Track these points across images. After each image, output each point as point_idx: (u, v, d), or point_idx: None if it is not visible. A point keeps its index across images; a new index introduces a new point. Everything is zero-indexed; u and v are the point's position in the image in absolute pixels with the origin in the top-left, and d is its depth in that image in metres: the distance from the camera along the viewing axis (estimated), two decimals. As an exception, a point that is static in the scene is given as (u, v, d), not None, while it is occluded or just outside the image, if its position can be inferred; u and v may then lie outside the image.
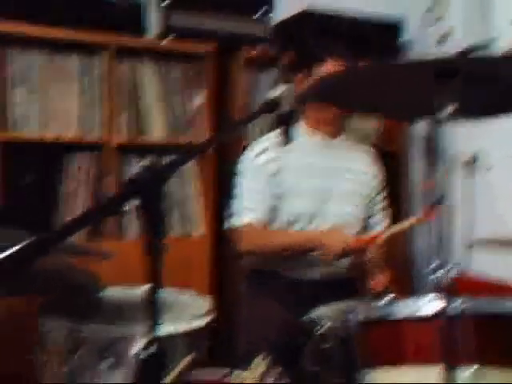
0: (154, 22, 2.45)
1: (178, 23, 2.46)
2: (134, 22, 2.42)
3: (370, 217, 2.16)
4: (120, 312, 1.73)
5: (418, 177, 2.90)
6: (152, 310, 0.90)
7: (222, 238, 2.49)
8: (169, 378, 1.36)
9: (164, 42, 2.42)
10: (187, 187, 2.62)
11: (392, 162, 2.81)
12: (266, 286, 2.05)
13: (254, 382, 1.31)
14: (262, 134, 2.46)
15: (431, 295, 1.13)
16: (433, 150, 2.79)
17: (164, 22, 2.44)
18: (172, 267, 2.35)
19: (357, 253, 1.92)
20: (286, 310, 1.89)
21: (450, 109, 1.07)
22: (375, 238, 1.94)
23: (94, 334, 1.54)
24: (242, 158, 2.11)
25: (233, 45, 2.53)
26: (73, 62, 2.41)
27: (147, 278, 0.89)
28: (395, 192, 2.75)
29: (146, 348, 0.88)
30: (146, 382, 0.91)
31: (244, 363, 1.44)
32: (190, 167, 2.62)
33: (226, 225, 2.05)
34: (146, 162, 0.87)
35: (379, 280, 1.98)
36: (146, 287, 1.92)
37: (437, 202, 2.85)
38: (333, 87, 1.20)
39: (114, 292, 1.87)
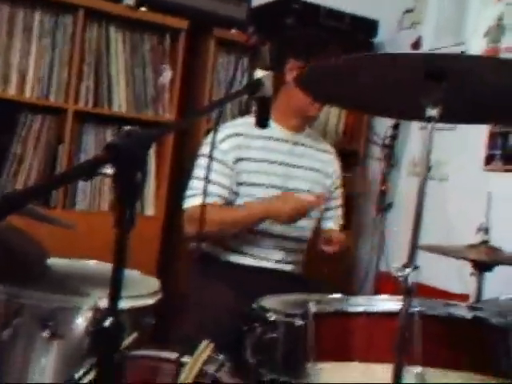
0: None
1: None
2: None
3: (324, 212, 2.18)
4: (65, 283, 1.67)
5: (375, 177, 2.94)
6: (114, 285, 0.85)
7: (173, 219, 2.46)
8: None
9: (141, 10, 2.34)
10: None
11: (351, 160, 2.85)
12: (214, 271, 2.03)
13: (195, 372, 1.28)
14: (226, 119, 2.45)
15: (384, 295, 1.14)
16: (391, 154, 2.86)
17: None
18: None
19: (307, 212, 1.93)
20: (234, 297, 1.87)
21: (435, 111, 1.04)
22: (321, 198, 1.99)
23: (35, 301, 1.49)
24: (205, 140, 2.08)
25: (207, 24, 2.49)
26: (40, 20, 2.30)
27: (114, 251, 0.85)
28: (351, 189, 2.78)
29: (98, 321, 0.84)
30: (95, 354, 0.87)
31: (186, 347, 1.42)
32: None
33: (183, 205, 2.02)
34: (127, 128, 0.82)
35: (336, 237, 1.99)
36: (94, 261, 1.89)
37: (387, 206, 2.91)
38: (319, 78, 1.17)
39: (61, 263, 1.83)
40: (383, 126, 2.88)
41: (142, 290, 1.67)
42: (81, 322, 1.49)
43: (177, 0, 2.42)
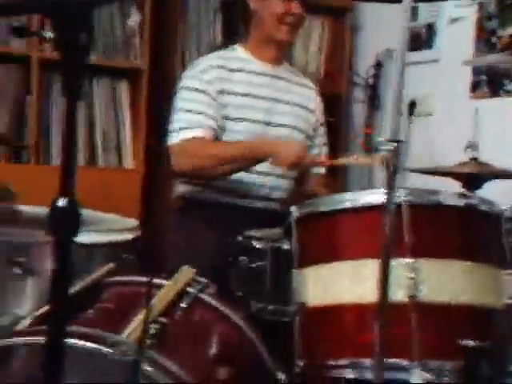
0: None
1: None
2: None
3: (308, 150, 2.10)
4: (36, 221, 1.59)
5: (359, 120, 2.85)
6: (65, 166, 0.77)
7: (154, 171, 2.38)
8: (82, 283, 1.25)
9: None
10: (120, 116, 2.46)
11: (334, 105, 2.77)
12: (196, 212, 1.95)
13: (177, 290, 1.20)
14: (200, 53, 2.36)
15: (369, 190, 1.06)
16: (374, 94, 2.78)
17: None
18: (102, 196, 2.24)
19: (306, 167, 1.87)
20: (218, 235, 1.79)
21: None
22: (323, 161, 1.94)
23: (4, 236, 1.41)
24: (184, 74, 1.98)
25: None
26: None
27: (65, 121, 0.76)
28: (336, 135, 2.70)
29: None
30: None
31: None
32: (123, 94, 2.46)
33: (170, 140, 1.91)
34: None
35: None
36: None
37: (374, 149, 2.84)
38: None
39: (28, 208, 1.75)
40: (365, 66, 2.79)
41: (119, 226, 1.62)
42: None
43: None
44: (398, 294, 1.00)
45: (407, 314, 1.00)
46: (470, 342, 0.98)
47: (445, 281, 1.01)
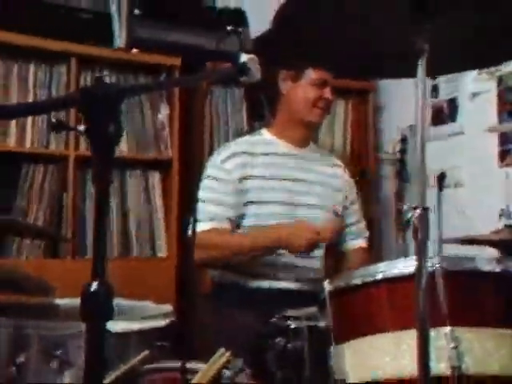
0: (120, 32, 2.41)
1: (145, 35, 2.42)
2: (99, 32, 2.37)
3: (342, 230, 2.09)
4: (70, 313, 1.61)
5: (389, 195, 2.85)
6: (97, 245, 0.79)
7: (186, 257, 2.40)
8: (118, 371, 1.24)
9: (133, 52, 2.37)
10: (153, 205, 2.52)
11: (362, 180, 2.78)
12: (229, 297, 1.94)
13: (212, 373, 1.18)
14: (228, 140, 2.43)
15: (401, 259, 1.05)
16: (402, 169, 2.80)
17: (130, 34, 2.40)
18: (138, 286, 2.26)
19: (324, 241, 1.85)
20: (252, 319, 1.77)
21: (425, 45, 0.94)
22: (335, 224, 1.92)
23: (41, 331, 1.43)
24: (208, 162, 2.04)
25: (199, 59, 2.50)
26: (34, 71, 2.34)
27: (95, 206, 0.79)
28: (367, 211, 2.70)
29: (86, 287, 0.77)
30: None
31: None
32: (155, 185, 2.53)
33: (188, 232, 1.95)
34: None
35: None
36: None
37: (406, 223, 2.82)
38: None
39: (65, 301, 1.77)
40: (390, 142, 2.83)
41: (152, 313, 1.62)
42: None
43: (167, 38, 2.45)
44: (440, 366, 0.96)
45: (451, 387, 0.96)
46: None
47: (490, 350, 0.97)
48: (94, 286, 0.77)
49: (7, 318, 1.47)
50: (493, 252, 1.73)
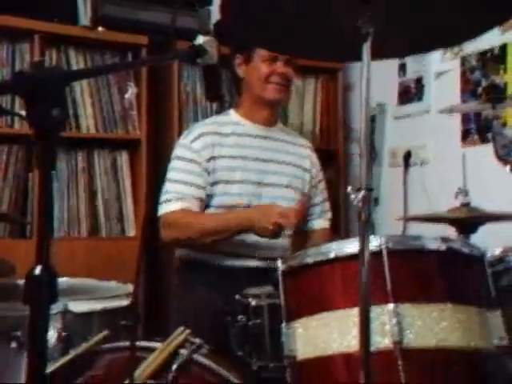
0: (85, 11, 2.38)
1: (111, 13, 2.40)
2: (65, 10, 2.34)
3: (309, 209, 2.12)
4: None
5: (357, 174, 2.89)
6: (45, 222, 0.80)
7: (155, 236, 2.41)
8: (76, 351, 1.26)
9: (99, 30, 2.34)
10: (121, 184, 2.52)
11: (331, 160, 2.81)
12: (196, 275, 1.96)
13: (169, 351, 1.21)
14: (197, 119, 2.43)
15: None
16: (370, 149, 2.82)
17: (96, 12, 2.38)
18: (106, 264, 2.26)
19: (290, 226, 1.84)
20: (217, 297, 1.80)
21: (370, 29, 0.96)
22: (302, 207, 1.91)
23: (1, 311, 1.44)
24: (177, 143, 2.04)
25: (166, 38, 2.48)
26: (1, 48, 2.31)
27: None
28: (335, 191, 2.73)
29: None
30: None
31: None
32: (123, 165, 2.53)
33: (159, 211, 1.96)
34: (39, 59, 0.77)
35: None
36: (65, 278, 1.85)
37: (373, 201, 2.85)
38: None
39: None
40: (358, 122, 2.85)
41: (115, 293, 1.63)
42: (51, 326, 1.43)
43: (133, 16, 2.43)
44: (384, 341, 1.00)
45: (394, 361, 0.99)
46: (460, 387, 0.97)
47: (430, 325, 1.01)
48: (38, 269, 0.78)
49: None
50: (451, 230, 1.77)
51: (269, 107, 2.05)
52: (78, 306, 1.46)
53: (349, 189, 0.94)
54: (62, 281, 1.77)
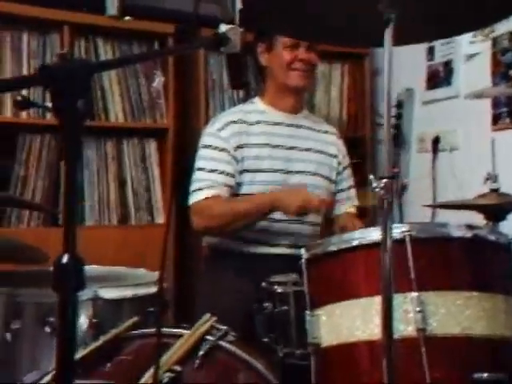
0: (113, 0, 2.40)
1: (138, 2, 2.42)
2: (92, 0, 2.36)
3: (335, 195, 2.12)
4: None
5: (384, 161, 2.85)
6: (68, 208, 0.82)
7: (183, 224, 2.44)
8: (105, 337, 1.29)
9: (126, 19, 2.36)
10: (150, 173, 2.56)
11: (358, 147, 2.79)
12: (224, 262, 1.98)
13: (195, 338, 1.23)
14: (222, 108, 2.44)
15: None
16: (398, 134, 2.80)
17: (123, 1, 2.39)
18: (136, 252, 2.30)
19: (315, 211, 1.85)
20: (245, 284, 1.81)
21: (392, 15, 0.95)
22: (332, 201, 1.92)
23: (35, 298, 1.48)
24: (204, 131, 2.06)
25: (193, 25, 2.49)
26: (27, 40, 2.34)
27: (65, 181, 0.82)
28: (363, 177, 2.71)
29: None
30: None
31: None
32: (152, 153, 2.56)
33: (190, 200, 1.98)
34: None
35: (350, 226, 1.93)
36: (95, 265, 1.88)
37: (401, 188, 2.83)
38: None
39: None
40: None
41: (144, 280, 1.66)
42: (82, 312, 1.47)
43: (160, 5, 2.45)
44: (407, 329, 1.00)
45: (417, 348, 0.99)
46: (484, 375, 0.96)
47: (454, 313, 1.01)
48: (65, 258, 0.80)
49: (2, 287, 1.53)
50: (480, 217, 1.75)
51: (293, 94, 2.04)
52: (108, 293, 1.49)
53: (371, 177, 0.94)
54: (92, 268, 1.83)
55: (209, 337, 1.25)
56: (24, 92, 2.19)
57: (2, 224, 2.29)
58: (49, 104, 0.82)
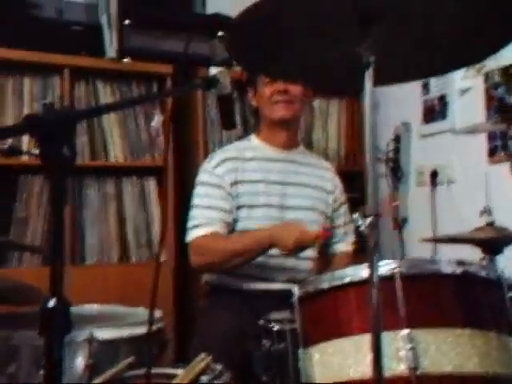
0: (111, 43, 2.45)
1: (136, 44, 2.47)
2: (91, 44, 2.42)
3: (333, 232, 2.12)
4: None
5: (384, 194, 2.87)
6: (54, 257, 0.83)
7: (184, 261, 2.44)
8: (101, 378, 1.28)
9: (125, 61, 2.41)
10: (149, 211, 2.57)
11: (356, 182, 2.81)
12: (222, 299, 1.99)
13: (189, 378, 1.22)
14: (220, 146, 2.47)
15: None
16: (396, 167, 2.81)
17: (121, 44, 2.45)
18: (137, 290, 2.31)
19: (311, 244, 1.84)
20: (242, 321, 1.81)
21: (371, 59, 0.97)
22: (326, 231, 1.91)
23: (31, 340, 1.47)
24: (200, 168, 2.08)
25: (191, 66, 2.54)
26: (29, 84, 2.39)
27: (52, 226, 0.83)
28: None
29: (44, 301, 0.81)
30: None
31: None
32: (151, 191, 2.58)
33: (187, 238, 1.99)
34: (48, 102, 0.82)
35: None
36: (94, 304, 1.86)
37: (402, 221, 2.82)
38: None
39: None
40: (383, 142, 2.85)
41: (142, 319, 1.65)
42: (77, 355, 1.46)
43: (158, 47, 2.50)
44: (399, 367, 0.99)
45: (410, 388, 0.98)
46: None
47: (445, 350, 1.00)
48: (52, 302, 0.81)
49: (-1, 329, 1.52)
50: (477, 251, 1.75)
51: (284, 129, 2.07)
52: (105, 333, 1.49)
53: (355, 215, 0.95)
54: (90, 308, 1.83)
55: (204, 377, 1.25)
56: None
57: (2, 264, 2.30)
58: (36, 151, 0.84)
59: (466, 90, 2.46)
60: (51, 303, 0.81)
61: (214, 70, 1.28)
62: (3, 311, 1.63)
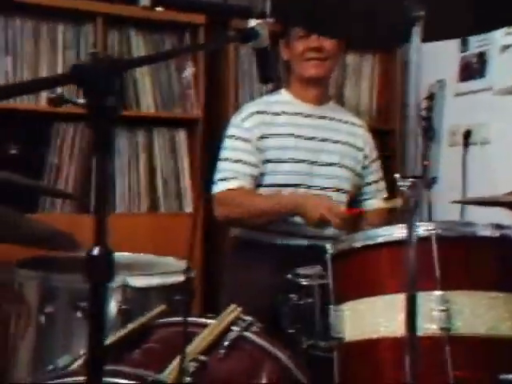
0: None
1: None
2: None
3: (360, 189, 2.11)
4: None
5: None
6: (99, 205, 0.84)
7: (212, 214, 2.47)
8: (133, 324, 1.32)
9: (158, 10, 2.38)
10: (179, 162, 2.59)
11: (388, 140, 2.78)
12: (250, 253, 2.00)
13: (220, 329, 1.25)
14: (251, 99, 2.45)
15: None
16: (428, 126, 2.77)
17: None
18: (165, 240, 2.33)
19: (335, 223, 1.78)
20: (270, 275, 1.83)
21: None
22: (358, 212, 1.89)
23: (68, 283, 1.52)
24: (230, 122, 2.07)
25: (224, 16, 2.50)
26: (63, 31, 2.38)
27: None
28: (392, 170, 2.70)
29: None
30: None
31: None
32: (181, 143, 2.59)
33: (213, 189, 2.00)
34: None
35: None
36: (126, 253, 1.91)
37: (431, 180, 2.80)
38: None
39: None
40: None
41: (172, 268, 1.69)
42: (112, 299, 1.50)
43: (191, -4, 2.46)
44: (431, 327, 1.00)
45: (441, 347, 1.00)
46: (510, 376, 0.96)
47: (479, 313, 1.00)
48: (96, 250, 0.83)
49: (36, 271, 1.57)
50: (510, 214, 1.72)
51: (314, 85, 2.04)
52: (137, 281, 1.53)
53: (396, 175, 0.94)
54: (123, 256, 1.87)
55: (234, 327, 1.27)
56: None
57: (35, 210, 2.35)
58: (81, 101, 0.84)
59: (508, 46, 2.38)
60: (95, 251, 0.83)
61: (252, 23, 1.26)
62: (40, 254, 1.67)
